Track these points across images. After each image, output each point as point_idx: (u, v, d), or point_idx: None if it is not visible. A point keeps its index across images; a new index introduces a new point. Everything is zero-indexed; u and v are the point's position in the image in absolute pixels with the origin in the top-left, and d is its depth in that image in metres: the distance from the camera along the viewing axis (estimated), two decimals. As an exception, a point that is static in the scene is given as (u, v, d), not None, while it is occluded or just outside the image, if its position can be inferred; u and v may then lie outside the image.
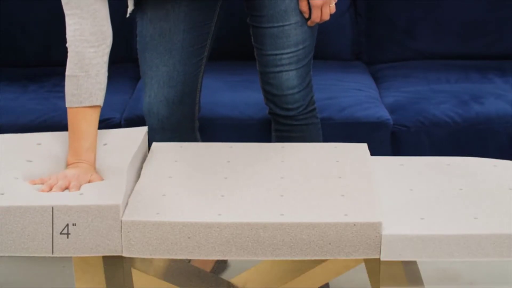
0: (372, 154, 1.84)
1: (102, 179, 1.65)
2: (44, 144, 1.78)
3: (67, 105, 1.72)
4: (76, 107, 1.71)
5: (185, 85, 2.02)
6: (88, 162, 1.68)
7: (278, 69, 2.04)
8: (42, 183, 1.61)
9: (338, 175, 1.70)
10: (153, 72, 1.99)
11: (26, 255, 1.53)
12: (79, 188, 1.59)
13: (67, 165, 1.69)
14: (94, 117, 1.71)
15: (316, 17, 1.99)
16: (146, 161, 1.77)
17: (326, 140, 2.30)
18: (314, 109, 2.16)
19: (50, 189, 1.58)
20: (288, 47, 2.02)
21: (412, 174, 1.75)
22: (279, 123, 2.15)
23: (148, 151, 1.83)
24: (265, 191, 1.63)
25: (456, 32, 2.93)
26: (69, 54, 1.73)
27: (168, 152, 1.81)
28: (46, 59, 2.91)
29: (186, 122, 2.08)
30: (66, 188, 1.59)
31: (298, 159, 1.78)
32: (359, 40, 2.98)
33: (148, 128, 2.05)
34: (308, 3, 1.98)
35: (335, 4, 2.02)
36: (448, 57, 2.94)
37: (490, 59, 2.93)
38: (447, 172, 1.76)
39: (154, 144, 1.86)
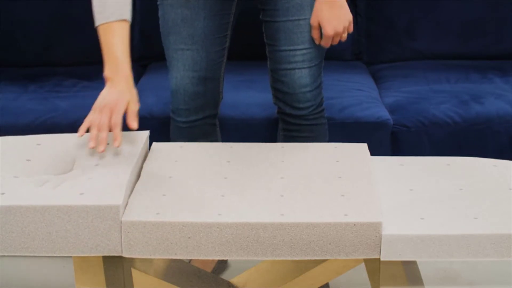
0: (372, 154, 1.85)
1: (138, 105, 1.77)
2: (43, 144, 1.78)
3: (96, 24, 1.76)
4: (104, 24, 1.75)
5: (208, 71, 2.06)
6: (125, 75, 1.75)
7: (291, 66, 2.04)
8: (88, 128, 1.71)
9: (338, 175, 1.70)
10: (179, 55, 2.03)
11: (26, 254, 1.53)
12: (120, 122, 1.70)
13: (106, 80, 1.75)
14: (124, 32, 1.77)
15: (325, 44, 2.03)
16: (146, 161, 1.77)
17: (326, 140, 2.30)
18: (323, 110, 2.17)
19: (99, 130, 1.70)
20: (302, 43, 2.02)
21: (412, 174, 1.75)
22: (287, 123, 2.15)
23: (148, 151, 1.83)
24: (265, 191, 1.63)
25: (456, 32, 2.93)
26: None
27: (168, 152, 1.81)
28: (46, 59, 2.92)
29: (209, 107, 2.11)
30: (109, 123, 1.70)
31: (298, 159, 1.78)
32: (359, 40, 2.98)
33: (174, 108, 2.10)
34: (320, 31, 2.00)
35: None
36: (448, 57, 2.95)
37: (490, 59, 2.93)
38: (447, 172, 1.76)
39: (154, 144, 1.86)
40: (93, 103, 2.56)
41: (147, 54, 2.97)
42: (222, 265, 2.34)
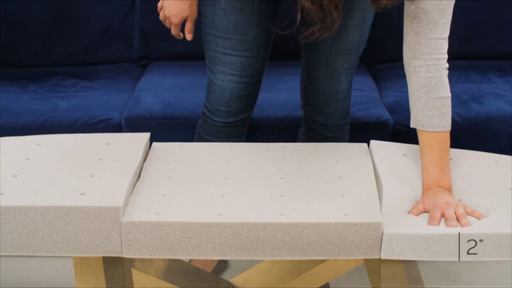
0: (372, 154, 1.84)
1: (195, 17, 1.99)
2: (43, 144, 1.78)
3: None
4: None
5: (253, 77, 2.05)
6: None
7: (330, 69, 2.03)
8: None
9: (338, 175, 1.69)
10: (227, 59, 2.01)
11: (26, 254, 1.53)
12: (177, 34, 2.02)
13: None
14: None
15: (432, 220, 1.58)
16: (146, 161, 1.77)
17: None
18: (348, 123, 2.15)
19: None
20: (344, 47, 1.99)
21: (412, 173, 1.75)
22: (312, 131, 2.14)
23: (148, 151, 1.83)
24: (265, 191, 1.63)
25: (456, 32, 2.92)
26: None
27: (168, 152, 1.81)
28: (46, 59, 2.91)
29: (247, 110, 2.11)
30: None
31: (298, 159, 1.78)
32: (359, 40, 2.98)
33: (212, 109, 2.08)
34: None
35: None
36: (448, 57, 2.94)
37: (490, 59, 2.93)
38: (447, 171, 1.75)
39: (154, 144, 1.86)
40: (93, 103, 2.57)
41: (147, 54, 2.97)
42: (222, 265, 2.34)
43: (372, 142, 1.84)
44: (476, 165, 1.77)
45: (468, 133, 2.49)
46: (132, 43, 2.97)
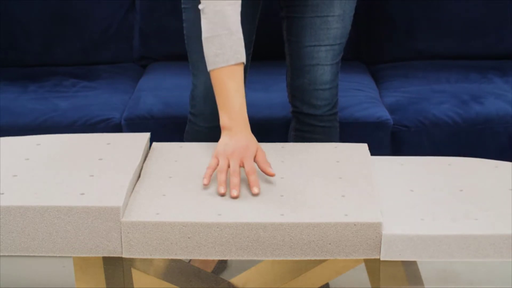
0: (372, 154, 1.84)
1: (263, 152, 1.68)
2: (43, 144, 1.78)
3: (210, 68, 1.71)
4: (222, 67, 1.70)
5: None
6: (245, 123, 1.71)
7: (314, 61, 2.04)
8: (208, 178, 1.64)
9: (339, 175, 1.69)
10: (202, 64, 1.88)
11: (26, 254, 1.53)
12: (254, 168, 1.64)
13: (223, 128, 1.69)
14: (240, 74, 1.71)
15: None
16: (146, 161, 1.77)
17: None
18: (337, 113, 2.16)
19: (231, 175, 1.62)
20: (327, 39, 2.01)
21: (412, 174, 1.75)
22: (301, 123, 2.15)
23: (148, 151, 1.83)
24: (265, 191, 1.63)
25: (456, 32, 2.93)
26: (205, 16, 1.70)
27: (168, 152, 1.81)
28: (46, 59, 2.92)
29: None
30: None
31: (298, 159, 1.78)
32: (359, 40, 2.98)
33: (197, 113, 2.07)
34: None
35: None
36: (448, 57, 2.94)
37: (490, 59, 2.93)
38: (447, 172, 1.76)
39: (154, 144, 1.86)
40: (93, 103, 2.57)
41: (147, 54, 2.97)
42: (222, 265, 2.34)
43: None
44: (476, 169, 1.77)
45: (468, 133, 2.49)
46: (132, 43, 2.97)
